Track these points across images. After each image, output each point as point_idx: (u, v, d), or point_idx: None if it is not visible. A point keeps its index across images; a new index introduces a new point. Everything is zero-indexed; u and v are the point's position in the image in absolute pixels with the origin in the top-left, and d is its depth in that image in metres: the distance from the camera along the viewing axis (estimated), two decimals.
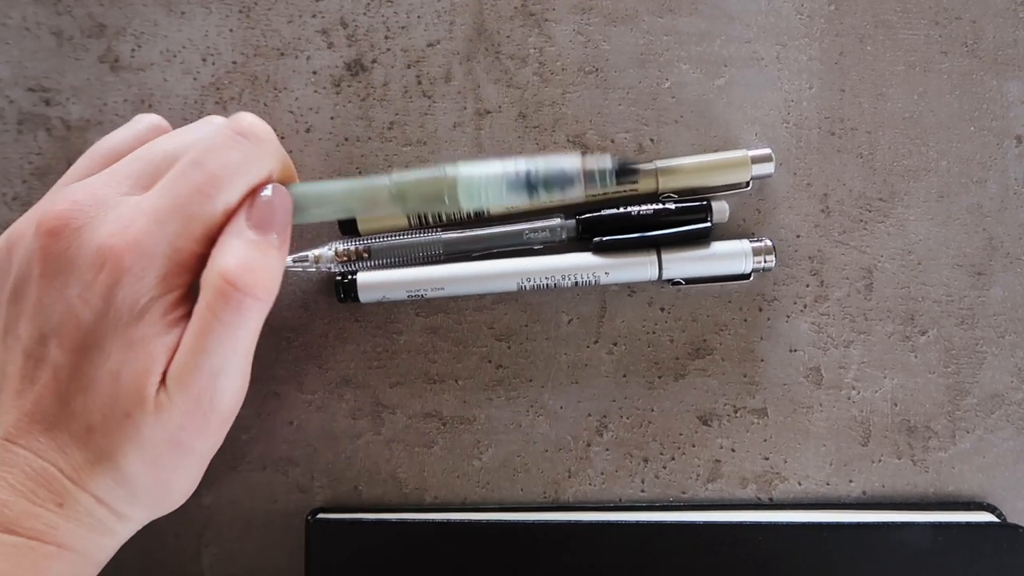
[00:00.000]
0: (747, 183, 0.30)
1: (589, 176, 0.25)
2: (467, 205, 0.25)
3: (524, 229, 0.30)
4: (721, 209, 0.29)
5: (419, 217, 0.30)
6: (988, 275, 0.30)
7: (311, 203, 0.26)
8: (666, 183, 0.30)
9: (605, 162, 0.25)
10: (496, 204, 0.26)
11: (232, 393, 0.24)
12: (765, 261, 0.29)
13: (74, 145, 0.31)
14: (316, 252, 0.30)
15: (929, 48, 0.31)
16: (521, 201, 0.25)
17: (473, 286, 0.30)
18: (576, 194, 0.25)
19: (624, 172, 0.25)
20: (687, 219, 0.29)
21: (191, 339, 0.23)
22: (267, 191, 0.24)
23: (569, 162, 0.25)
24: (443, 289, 0.30)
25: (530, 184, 0.25)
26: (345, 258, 0.29)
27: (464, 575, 0.29)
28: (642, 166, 0.29)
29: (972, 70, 0.31)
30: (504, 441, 0.31)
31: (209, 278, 0.23)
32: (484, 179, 0.25)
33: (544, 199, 0.25)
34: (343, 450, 0.31)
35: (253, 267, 0.23)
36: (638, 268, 0.29)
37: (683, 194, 0.30)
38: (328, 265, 0.30)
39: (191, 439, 0.24)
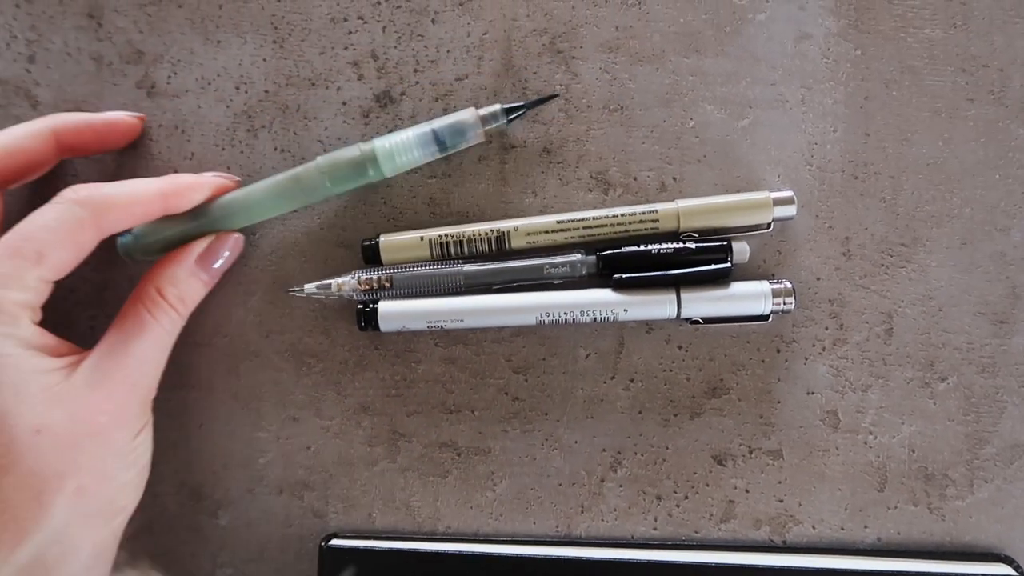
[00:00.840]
0: (768, 224, 0.30)
1: (484, 121, 0.30)
2: (389, 170, 0.30)
3: (545, 263, 0.30)
4: (741, 250, 0.30)
5: (441, 247, 0.30)
6: (1010, 323, 0.30)
7: (252, 204, 0.30)
8: (687, 222, 0.30)
9: (495, 108, 0.30)
10: (413, 164, 0.30)
11: (149, 389, 0.28)
12: (784, 303, 0.29)
13: (108, 169, 0.32)
14: (340, 280, 0.30)
15: (955, 95, 0.31)
16: (434, 156, 0.30)
17: (492, 319, 0.30)
18: (478, 139, 0.30)
19: (512, 111, 0.30)
20: (707, 259, 0.29)
21: (118, 335, 0.27)
22: (226, 247, 0.30)
23: (466, 114, 0.30)
24: (463, 321, 0.30)
25: (438, 140, 0.30)
26: (367, 287, 0.30)
27: None
28: (528, 102, 0.31)
29: (998, 118, 0.31)
30: (518, 473, 0.31)
31: (148, 291, 0.28)
32: (398, 144, 0.30)
33: (453, 149, 0.30)
34: (358, 477, 0.31)
35: (186, 291, 0.29)
36: (657, 306, 0.29)
37: (704, 233, 0.30)
38: (351, 293, 0.30)
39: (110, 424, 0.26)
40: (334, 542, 0.30)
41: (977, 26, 0.31)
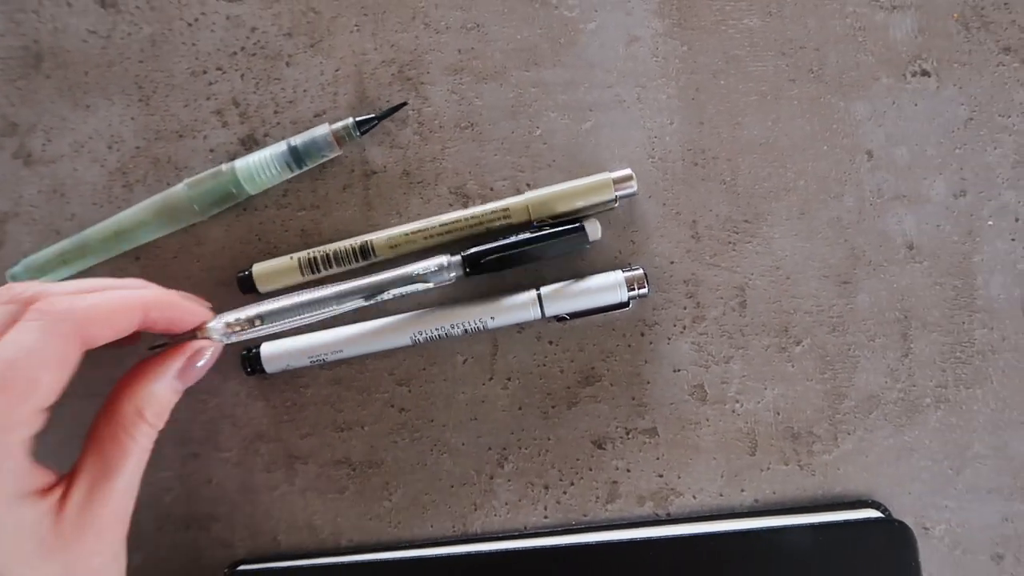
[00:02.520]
0: (615, 200, 0.31)
1: (338, 136, 0.32)
2: (252, 189, 0.32)
3: (416, 270, 0.31)
4: (593, 228, 0.31)
5: (311, 264, 0.32)
6: (853, 283, 0.32)
7: (125, 227, 0.32)
8: (538, 212, 0.31)
9: (347, 121, 0.32)
10: (274, 180, 0.32)
11: (131, 513, 0.26)
12: (639, 288, 0.31)
13: None
14: (209, 326, 0.29)
15: (778, 77, 0.33)
16: (294, 172, 0.32)
17: (369, 345, 0.32)
18: (333, 152, 0.32)
19: (364, 123, 0.32)
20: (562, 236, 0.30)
21: (100, 464, 0.25)
22: (204, 358, 0.29)
23: (319, 131, 0.32)
24: (342, 351, 0.32)
25: (295, 155, 0.32)
26: (238, 328, 0.29)
27: None
28: (379, 114, 0.32)
29: (820, 94, 0.33)
30: (411, 481, 0.32)
31: (126, 413, 0.26)
32: (257, 163, 0.32)
33: (312, 163, 0.32)
34: (261, 502, 0.33)
35: (165, 406, 0.27)
36: (521, 310, 0.31)
37: (556, 224, 0.32)
38: (221, 338, 0.29)
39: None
40: (240, 568, 0.31)
41: (791, 11, 0.33)
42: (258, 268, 0.32)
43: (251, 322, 0.30)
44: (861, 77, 0.33)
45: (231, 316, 0.29)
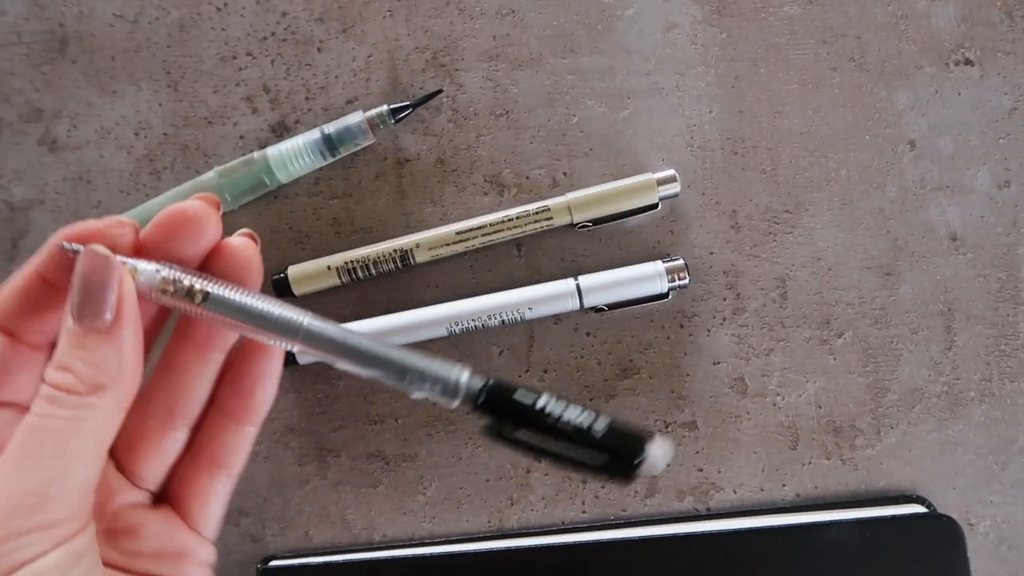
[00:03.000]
0: (656, 204, 0.31)
1: (373, 124, 0.31)
2: (284, 177, 0.32)
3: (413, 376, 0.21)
4: (661, 449, 0.20)
5: (349, 273, 0.31)
6: (896, 275, 0.32)
7: (146, 222, 0.26)
8: (580, 213, 0.31)
9: (382, 109, 0.31)
10: (307, 169, 0.32)
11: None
12: (679, 279, 0.31)
13: (18, 225, 0.33)
14: (135, 265, 0.20)
15: (819, 65, 0.32)
16: (326, 160, 0.32)
17: (405, 336, 0.31)
18: (367, 140, 0.32)
19: (399, 111, 0.31)
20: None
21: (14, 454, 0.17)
22: (86, 265, 0.18)
23: (353, 118, 0.31)
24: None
25: (328, 143, 0.31)
26: (171, 289, 0.20)
27: None
28: (414, 101, 0.32)
29: (862, 83, 0.32)
30: (446, 474, 0.32)
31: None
32: (289, 151, 0.31)
33: (344, 152, 0.32)
34: (292, 497, 0.32)
35: (72, 364, 0.18)
36: (560, 301, 0.31)
37: (597, 222, 0.31)
38: (148, 290, 0.20)
39: None
40: (272, 564, 0.31)
41: None
42: (294, 271, 0.32)
43: (190, 293, 0.20)
44: (903, 66, 0.32)
45: (168, 271, 0.20)
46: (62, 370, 0.18)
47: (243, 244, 0.22)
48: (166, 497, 0.22)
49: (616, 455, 0.20)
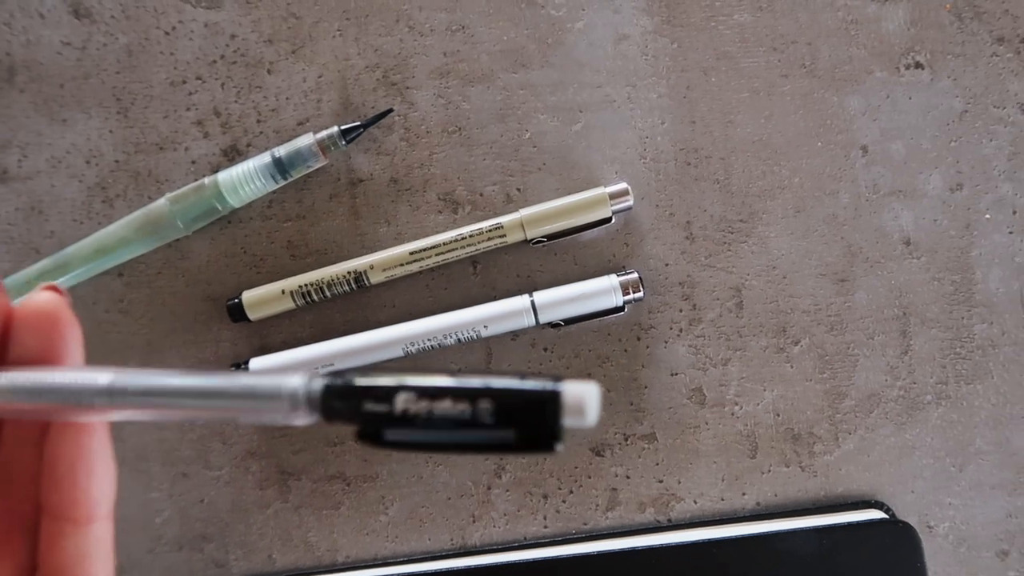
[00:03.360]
0: (610, 218, 0.31)
1: (323, 145, 0.31)
2: (236, 202, 0.31)
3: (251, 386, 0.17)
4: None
5: (304, 296, 0.31)
6: (851, 280, 0.32)
7: (106, 244, 0.31)
8: (533, 230, 0.31)
9: (332, 130, 0.31)
10: (258, 193, 0.31)
11: None
12: (634, 292, 0.31)
13: None
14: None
15: (770, 73, 0.32)
16: (279, 183, 0.31)
17: (361, 358, 0.31)
18: (319, 162, 0.31)
19: (350, 131, 0.31)
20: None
21: None
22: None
23: (304, 140, 0.31)
24: (333, 365, 0.31)
25: (279, 166, 0.31)
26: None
27: None
28: (364, 121, 0.32)
29: (813, 89, 0.32)
30: (408, 494, 0.32)
31: None
32: (240, 176, 0.31)
33: (297, 174, 0.31)
34: (254, 521, 0.32)
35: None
36: (515, 318, 0.31)
37: (552, 237, 0.31)
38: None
39: None
40: None
41: (782, 6, 0.32)
42: (248, 296, 0.31)
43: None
44: (854, 71, 0.32)
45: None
46: None
47: (37, 306, 0.17)
48: None
49: (524, 431, 0.14)
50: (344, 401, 0.15)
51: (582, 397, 0.14)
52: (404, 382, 0.15)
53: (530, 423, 0.14)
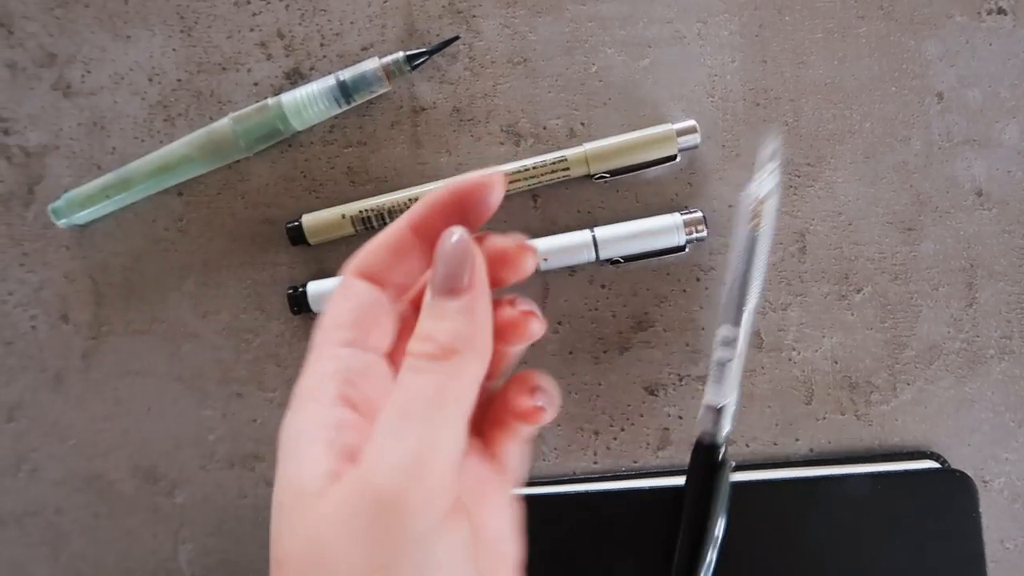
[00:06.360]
0: (675, 156, 0.31)
1: (388, 71, 0.31)
2: (298, 124, 0.31)
3: None
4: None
5: (363, 222, 0.31)
6: (918, 230, 0.31)
7: (170, 162, 0.31)
8: (597, 165, 0.31)
9: (398, 56, 0.31)
10: (321, 116, 0.31)
11: None
12: (697, 231, 0.30)
13: (34, 171, 0.33)
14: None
15: (846, 14, 0.32)
16: (341, 108, 0.31)
17: None
18: (382, 87, 0.31)
19: (415, 58, 0.31)
20: None
21: None
22: (449, 245, 0.19)
23: (369, 65, 0.31)
24: None
25: (343, 90, 0.31)
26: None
27: None
28: (430, 48, 0.31)
29: (889, 32, 0.31)
30: None
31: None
32: (304, 98, 0.31)
33: (360, 99, 0.31)
34: None
35: (432, 334, 0.19)
36: (575, 253, 0.30)
37: (615, 173, 0.31)
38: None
39: None
40: None
41: None
42: (308, 220, 0.31)
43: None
44: (933, 15, 0.31)
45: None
46: (423, 340, 0.18)
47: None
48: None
49: None
50: None
51: None
52: None
53: None
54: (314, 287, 0.31)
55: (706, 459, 0.27)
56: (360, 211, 0.31)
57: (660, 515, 0.29)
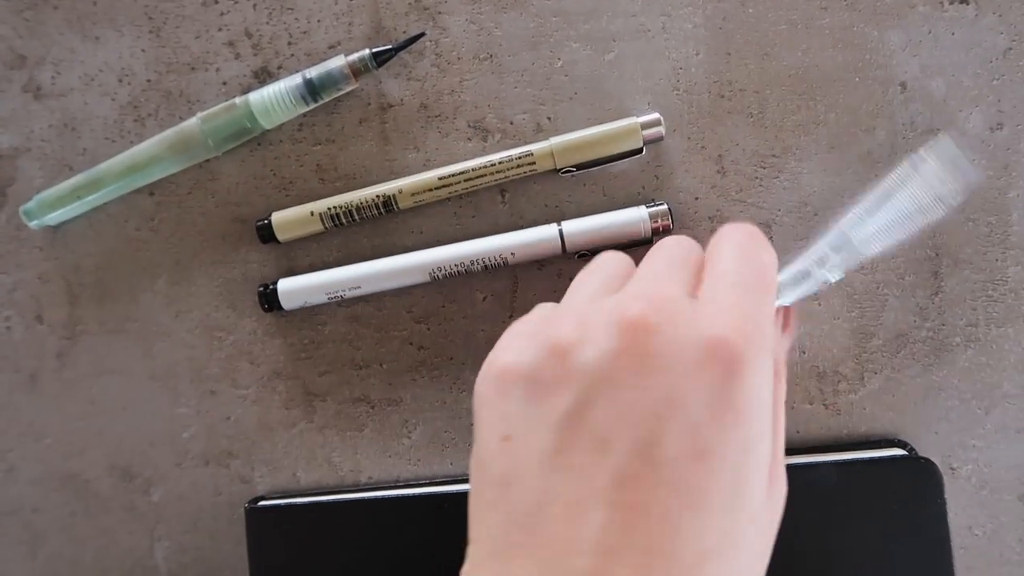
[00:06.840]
0: (641, 149, 0.31)
1: (355, 68, 0.31)
2: (267, 123, 0.31)
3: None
4: None
5: (332, 219, 0.31)
6: None
7: (138, 162, 0.31)
8: (563, 159, 0.31)
9: (364, 53, 0.31)
10: (289, 115, 0.31)
11: None
12: (663, 224, 0.30)
13: (5, 173, 0.33)
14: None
15: (809, 5, 0.32)
16: (309, 106, 0.31)
17: (388, 282, 0.31)
18: (350, 85, 0.31)
19: (381, 55, 0.31)
20: None
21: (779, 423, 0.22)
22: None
23: (335, 63, 0.31)
24: (360, 288, 0.31)
25: (311, 88, 0.31)
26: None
27: (398, 547, 0.30)
28: (396, 44, 0.31)
29: (853, 23, 0.32)
30: (431, 418, 0.32)
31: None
32: (271, 97, 0.31)
33: (327, 97, 0.31)
34: (279, 439, 0.32)
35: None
36: (543, 246, 0.31)
37: (581, 167, 0.31)
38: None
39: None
40: (260, 503, 0.31)
41: None
42: (278, 217, 0.32)
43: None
44: (896, 5, 0.31)
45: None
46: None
47: None
48: None
49: None
50: None
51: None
52: None
53: None
54: (284, 284, 0.31)
55: None
56: (329, 208, 0.31)
57: None
